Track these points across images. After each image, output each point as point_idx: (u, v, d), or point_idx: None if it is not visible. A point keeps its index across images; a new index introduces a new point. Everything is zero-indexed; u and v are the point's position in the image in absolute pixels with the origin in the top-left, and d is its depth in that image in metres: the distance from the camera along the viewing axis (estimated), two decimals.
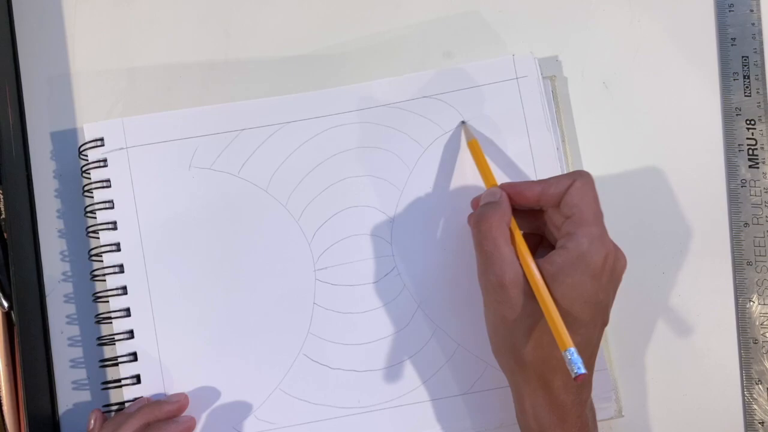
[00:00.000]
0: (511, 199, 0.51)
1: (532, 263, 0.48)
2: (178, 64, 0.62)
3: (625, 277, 0.58)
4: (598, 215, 0.49)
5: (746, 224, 0.60)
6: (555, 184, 0.50)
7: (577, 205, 0.49)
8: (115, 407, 0.56)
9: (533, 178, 0.58)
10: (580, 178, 0.50)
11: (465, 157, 0.58)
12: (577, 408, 0.49)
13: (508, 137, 0.58)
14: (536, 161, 0.58)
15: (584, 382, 0.49)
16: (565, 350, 0.45)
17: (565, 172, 0.58)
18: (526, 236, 0.51)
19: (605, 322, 0.49)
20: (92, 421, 0.55)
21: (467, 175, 0.58)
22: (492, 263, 0.48)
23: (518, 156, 0.58)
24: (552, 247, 0.50)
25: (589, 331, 0.48)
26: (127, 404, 0.56)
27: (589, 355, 0.49)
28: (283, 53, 0.62)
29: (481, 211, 0.50)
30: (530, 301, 0.47)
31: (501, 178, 0.58)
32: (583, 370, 0.45)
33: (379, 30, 0.62)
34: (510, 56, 0.59)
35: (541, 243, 0.53)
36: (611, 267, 0.48)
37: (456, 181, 0.58)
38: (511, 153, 0.58)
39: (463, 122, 0.58)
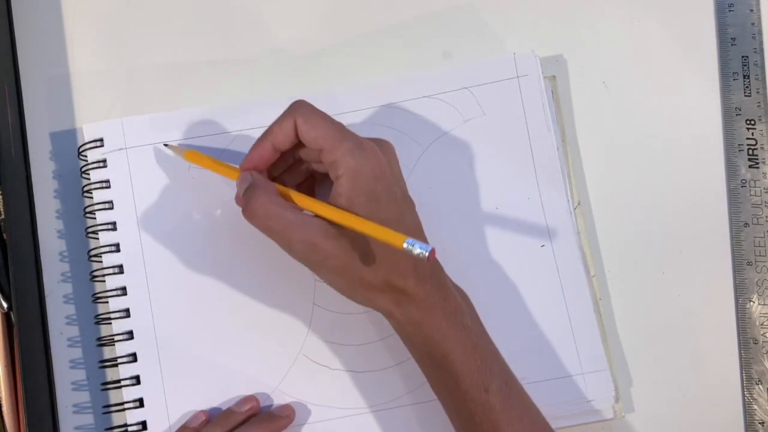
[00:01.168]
0: (260, 168, 0.51)
1: (326, 205, 0.48)
2: (177, 64, 0.62)
3: (625, 277, 0.59)
4: (340, 129, 0.49)
5: (746, 224, 0.60)
6: (279, 132, 0.50)
7: (315, 137, 0.48)
8: (114, 408, 0.56)
9: (534, 178, 0.58)
10: (296, 113, 0.49)
11: (465, 157, 0.58)
12: (439, 292, 0.49)
13: (508, 137, 0.58)
14: (536, 161, 0.58)
15: (434, 266, 0.50)
16: (404, 245, 0.44)
17: (566, 172, 0.58)
18: (304, 184, 0.52)
19: (412, 204, 0.50)
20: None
21: (467, 175, 0.58)
22: (290, 237, 0.47)
23: (518, 156, 0.58)
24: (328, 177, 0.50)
25: (407, 222, 0.49)
26: (126, 405, 0.56)
27: (421, 239, 0.50)
28: (282, 54, 0.62)
29: (245, 201, 0.49)
30: (343, 238, 0.47)
31: (499, 181, 0.58)
32: (429, 247, 0.44)
33: (379, 29, 0.62)
34: (511, 55, 0.59)
35: (321, 181, 0.54)
36: (384, 159, 0.48)
37: (456, 181, 0.58)
38: (511, 153, 0.58)
39: (165, 144, 0.58)
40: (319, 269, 0.49)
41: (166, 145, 0.58)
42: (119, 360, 0.56)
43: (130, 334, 0.56)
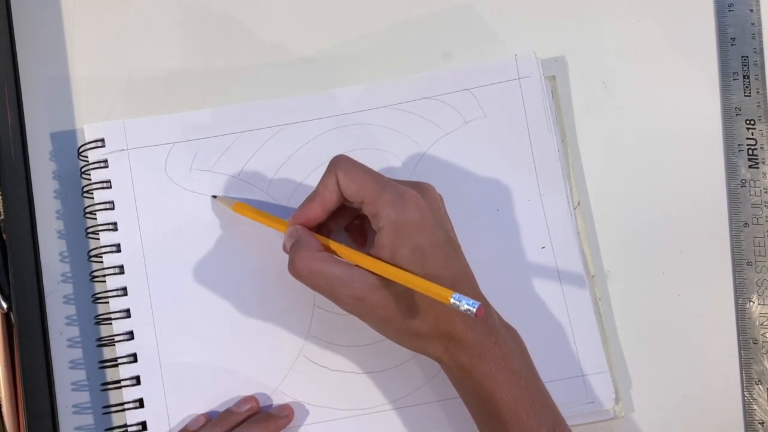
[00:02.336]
0: (308, 226, 0.51)
1: (370, 258, 0.48)
2: (177, 65, 0.62)
3: (625, 277, 0.59)
4: (379, 180, 0.49)
5: (746, 224, 0.60)
6: (324, 190, 0.50)
7: (356, 191, 0.49)
8: (114, 408, 0.56)
9: (535, 179, 0.58)
10: (335, 168, 0.49)
11: (466, 158, 0.58)
12: (490, 337, 0.49)
13: (509, 139, 0.58)
14: (537, 163, 0.58)
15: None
16: (450, 301, 0.44)
17: (566, 173, 0.58)
18: (351, 224, 0.53)
19: (458, 247, 0.50)
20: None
21: (468, 176, 0.58)
22: (336, 292, 0.48)
23: (519, 158, 0.58)
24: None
25: (454, 269, 0.48)
26: (126, 405, 0.56)
27: (470, 285, 0.50)
28: (282, 55, 0.62)
29: (290, 258, 0.49)
30: (390, 288, 0.47)
31: (499, 183, 0.58)
32: (475, 305, 0.44)
33: (379, 30, 0.62)
34: (512, 56, 0.59)
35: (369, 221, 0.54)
36: (426, 207, 0.48)
37: (457, 182, 0.58)
38: (512, 155, 0.58)
39: (213, 197, 0.58)
40: (367, 319, 0.50)
41: (214, 196, 0.58)
42: (119, 360, 0.56)
43: (130, 335, 0.56)
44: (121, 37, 0.62)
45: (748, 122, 0.61)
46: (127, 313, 0.57)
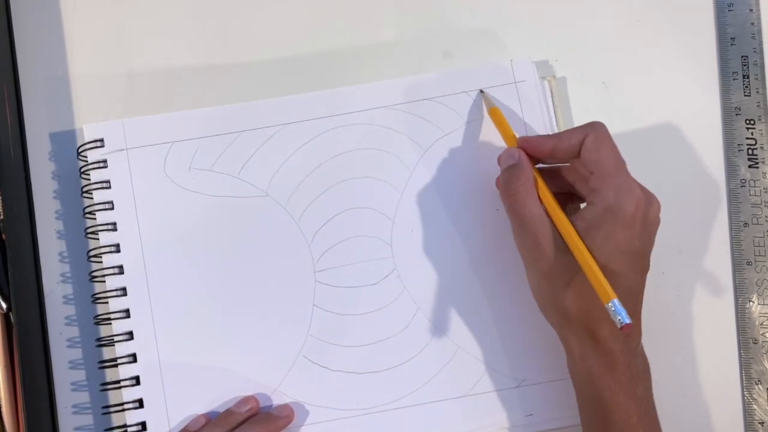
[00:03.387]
0: (528, 154, 0.52)
1: (564, 217, 0.48)
2: (177, 65, 0.62)
3: None
4: (620, 165, 0.49)
5: (746, 224, 0.60)
6: (567, 138, 0.51)
7: (595, 160, 0.49)
8: (114, 408, 0.56)
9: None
10: (592, 131, 0.50)
11: (466, 159, 0.58)
12: (626, 356, 0.49)
13: None
14: None
15: (632, 331, 0.49)
16: (608, 302, 0.46)
17: None
18: (556, 196, 0.51)
19: (645, 268, 0.50)
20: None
21: (468, 176, 0.58)
22: (524, 224, 0.49)
23: None
24: (583, 203, 0.51)
25: (629, 280, 0.48)
26: (126, 405, 0.56)
27: (633, 303, 0.49)
28: (282, 55, 0.62)
29: (505, 175, 0.51)
30: (566, 255, 0.48)
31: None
32: (627, 320, 0.45)
33: (378, 30, 0.62)
34: (508, 61, 0.59)
35: (571, 200, 0.54)
36: (643, 213, 0.48)
37: (457, 183, 0.58)
38: None
39: (481, 91, 0.58)
40: (529, 267, 0.50)
41: (481, 91, 0.58)
42: (119, 360, 0.56)
43: (130, 335, 0.56)
44: (120, 37, 0.62)
45: (748, 122, 0.61)
46: (127, 313, 0.57)
